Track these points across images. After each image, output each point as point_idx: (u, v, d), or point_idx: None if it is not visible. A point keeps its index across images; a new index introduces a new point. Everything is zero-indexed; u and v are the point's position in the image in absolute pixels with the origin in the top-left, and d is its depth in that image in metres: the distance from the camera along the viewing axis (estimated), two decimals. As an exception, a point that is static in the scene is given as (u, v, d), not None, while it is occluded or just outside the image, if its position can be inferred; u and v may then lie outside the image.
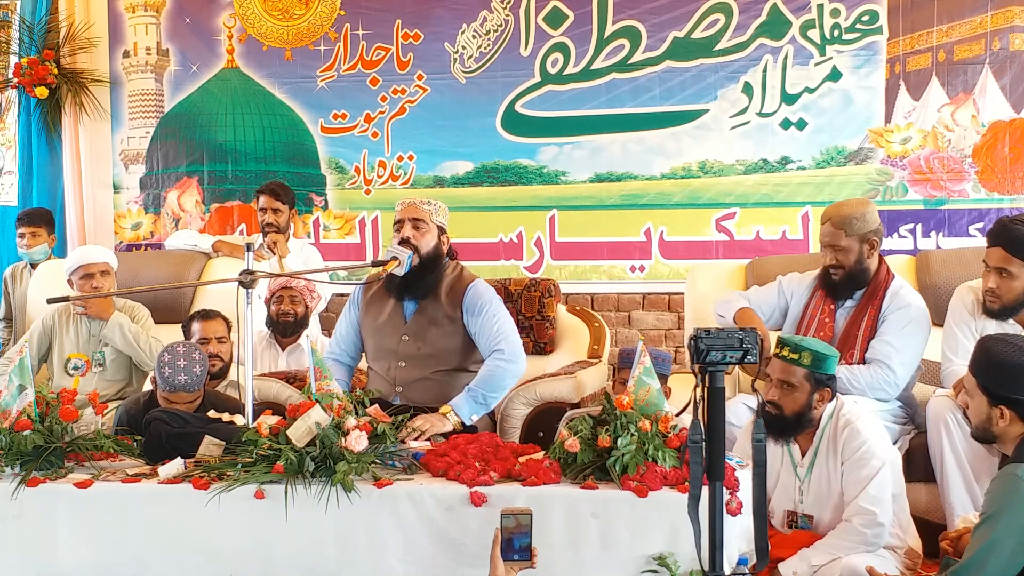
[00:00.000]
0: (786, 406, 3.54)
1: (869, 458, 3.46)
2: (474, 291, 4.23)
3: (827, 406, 3.58)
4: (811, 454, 3.61)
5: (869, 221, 4.26)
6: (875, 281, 4.30)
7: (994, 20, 5.84)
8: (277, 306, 5.12)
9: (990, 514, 2.92)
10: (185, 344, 3.92)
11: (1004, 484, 2.94)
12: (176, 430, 3.50)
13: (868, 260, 4.28)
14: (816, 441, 3.60)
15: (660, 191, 6.23)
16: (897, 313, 4.23)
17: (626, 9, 6.24)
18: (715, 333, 2.67)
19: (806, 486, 3.62)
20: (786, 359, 3.54)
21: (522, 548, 2.82)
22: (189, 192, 6.86)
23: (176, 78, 6.86)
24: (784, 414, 3.55)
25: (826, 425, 3.58)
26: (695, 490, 2.73)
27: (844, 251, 4.26)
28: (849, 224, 4.23)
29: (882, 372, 4.14)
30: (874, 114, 6.02)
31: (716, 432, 2.69)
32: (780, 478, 3.70)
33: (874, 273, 4.30)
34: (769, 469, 3.68)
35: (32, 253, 6.10)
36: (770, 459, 3.70)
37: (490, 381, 4.04)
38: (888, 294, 4.27)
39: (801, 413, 3.55)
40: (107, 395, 4.98)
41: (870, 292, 4.29)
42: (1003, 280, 4.02)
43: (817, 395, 3.55)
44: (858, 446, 3.48)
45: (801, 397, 3.53)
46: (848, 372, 4.12)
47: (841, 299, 4.33)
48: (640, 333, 6.17)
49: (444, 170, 6.51)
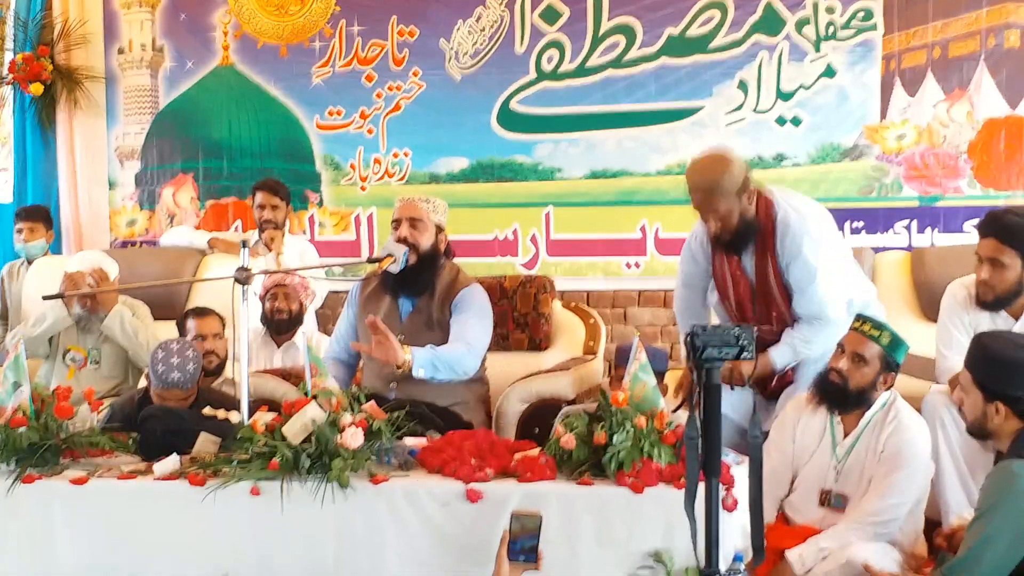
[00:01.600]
0: (852, 378, 3.57)
1: (908, 453, 3.49)
2: (466, 292, 4.24)
3: (883, 394, 3.61)
4: (853, 437, 3.61)
5: (736, 172, 3.92)
6: (760, 223, 4.01)
7: (989, 17, 5.84)
8: (272, 303, 5.11)
9: (985, 509, 2.92)
10: (179, 341, 3.92)
11: (999, 479, 2.94)
12: (172, 426, 3.50)
13: (749, 208, 3.98)
14: (862, 426, 3.61)
15: (656, 188, 6.23)
16: (797, 263, 3.95)
17: (621, 6, 6.23)
18: (711, 330, 2.68)
19: (842, 466, 3.61)
20: (865, 334, 3.58)
21: (529, 550, 2.84)
22: (184, 189, 6.85)
23: (171, 74, 6.85)
24: (848, 386, 3.58)
25: (876, 412, 3.60)
26: (691, 486, 2.73)
27: (724, 215, 3.94)
28: (719, 187, 3.90)
29: (824, 327, 3.96)
30: (869, 111, 6.02)
31: (712, 428, 2.69)
32: (815, 456, 3.70)
33: (754, 215, 4.00)
34: (805, 444, 3.72)
35: (29, 248, 6.10)
36: (809, 434, 3.73)
37: (451, 359, 4.10)
38: (778, 236, 3.98)
39: (863, 390, 3.57)
40: (102, 392, 4.98)
41: (760, 239, 4.02)
42: (996, 271, 3.98)
43: (882, 377, 3.58)
44: (902, 439, 3.51)
45: (870, 374, 3.57)
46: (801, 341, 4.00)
47: (738, 252, 4.09)
48: (636, 329, 6.18)
49: (439, 167, 6.51)
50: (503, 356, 4.75)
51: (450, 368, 4.10)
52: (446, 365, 4.08)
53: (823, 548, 3.37)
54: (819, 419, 3.71)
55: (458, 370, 4.13)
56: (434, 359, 4.05)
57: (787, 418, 3.81)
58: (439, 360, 4.06)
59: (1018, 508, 2.87)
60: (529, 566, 2.85)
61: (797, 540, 3.45)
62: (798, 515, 3.67)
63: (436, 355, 4.06)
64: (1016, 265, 3.97)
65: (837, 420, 3.67)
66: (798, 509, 3.69)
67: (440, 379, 4.09)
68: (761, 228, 4.02)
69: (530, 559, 2.84)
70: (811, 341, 4.00)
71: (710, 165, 4.00)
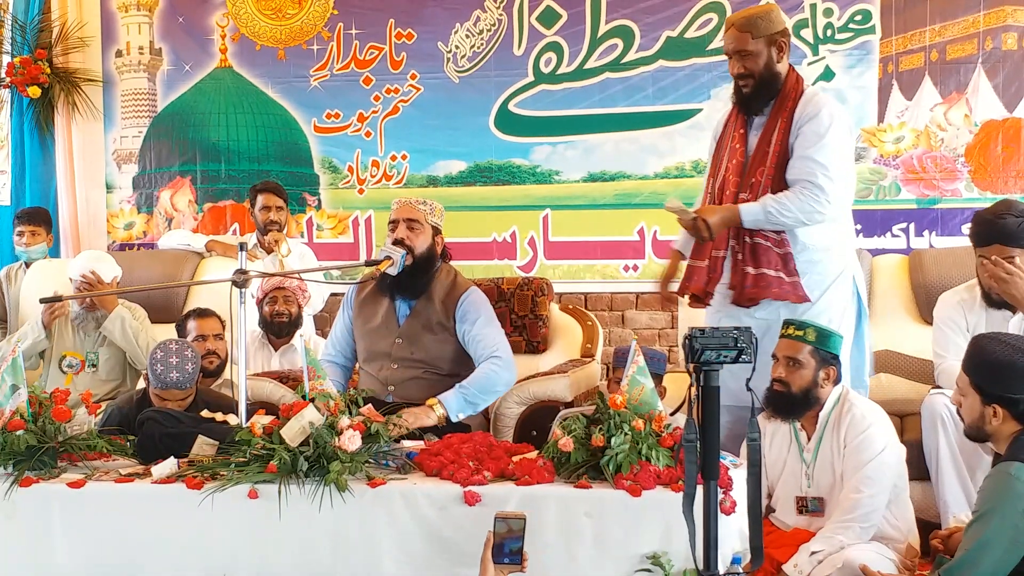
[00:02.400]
0: (793, 383, 3.61)
1: (870, 443, 3.51)
2: (469, 300, 4.23)
3: (833, 391, 3.64)
4: (816, 439, 3.65)
5: (775, 21, 3.95)
6: (785, 88, 3.97)
7: (987, 19, 5.85)
8: (271, 306, 5.10)
9: (983, 512, 2.93)
10: (177, 342, 3.92)
11: (997, 482, 2.95)
12: (169, 430, 3.50)
13: (778, 65, 3.95)
14: (821, 426, 3.64)
15: (653, 190, 6.23)
16: (811, 123, 3.87)
17: (619, 8, 6.24)
18: (710, 332, 2.70)
19: (812, 470, 3.66)
20: (791, 336, 3.63)
21: (513, 552, 2.82)
22: (182, 192, 6.85)
23: (169, 77, 6.85)
24: (791, 391, 3.61)
25: (831, 410, 3.64)
26: (690, 489, 2.74)
27: (752, 56, 3.92)
28: (755, 25, 3.92)
29: (809, 192, 3.81)
30: (867, 113, 6.03)
31: (711, 431, 2.70)
32: (787, 464, 3.73)
33: (784, 79, 3.98)
34: (776, 455, 3.75)
35: (30, 252, 6.08)
36: (777, 445, 3.76)
37: (484, 383, 4.04)
38: (801, 102, 3.94)
39: (808, 390, 3.61)
40: (100, 395, 4.98)
41: (780, 101, 3.96)
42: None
43: (823, 372, 3.61)
44: (859, 431, 3.54)
45: (807, 374, 3.60)
46: (775, 202, 3.82)
47: (753, 113, 4.03)
48: (634, 332, 6.18)
49: (437, 169, 6.51)
50: (501, 359, 4.75)
51: (487, 392, 4.06)
52: (482, 392, 4.03)
53: (815, 553, 3.38)
54: (783, 430, 3.75)
55: (499, 389, 4.12)
56: (464, 395, 3.98)
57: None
58: (470, 392, 3.99)
59: (1015, 511, 2.88)
60: (514, 568, 2.83)
61: (790, 546, 3.47)
62: (782, 526, 3.71)
63: (465, 390, 3.99)
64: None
65: (799, 426, 3.71)
66: (781, 521, 3.73)
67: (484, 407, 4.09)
68: (785, 93, 3.96)
69: (515, 561, 2.82)
70: (785, 204, 3.82)
71: (751, 9, 4.08)
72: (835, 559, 3.33)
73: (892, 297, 4.94)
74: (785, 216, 3.82)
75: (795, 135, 3.90)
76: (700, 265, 4.03)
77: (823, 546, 3.40)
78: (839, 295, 3.99)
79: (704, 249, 4.02)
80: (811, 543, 3.44)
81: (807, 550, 3.41)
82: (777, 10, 4.06)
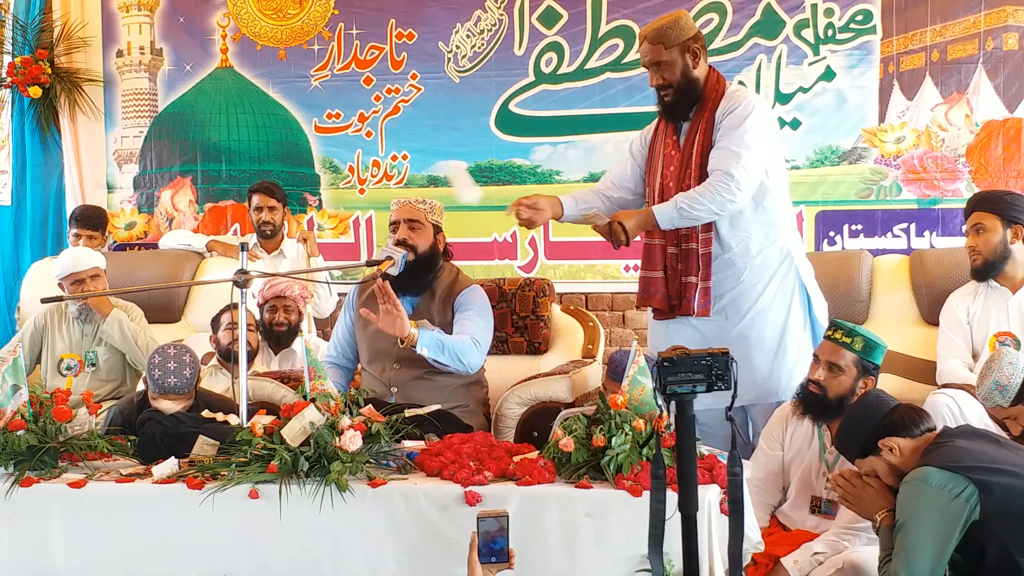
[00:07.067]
0: (830, 388, 3.56)
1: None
2: (468, 294, 4.25)
3: None
4: None
5: (686, 28, 3.93)
6: (706, 90, 3.96)
7: (988, 20, 5.85)
8: (271, 315, 5.08)
9: (902, 522, 2.97)
10: (176, 346, 3.91)
11: (908, 491, 2.99)
12: (170, 430, 3.50)
13: (695, 71, 3.95)
14: None
15: (654, 190, 6.23)
16: (729, 117, 3.87)
17: (620, 8, 6.23)
18: (680, 360, 2.50)
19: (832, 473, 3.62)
20: (838, 342, 3.58)
21: (499, 550, 2.82)
22: (183, 192, 6.85)
23: (170, 77, 6.85)
24: (827, 396, 3.56)
25: None
26: (655, 530, 2.61)
27: (668, 66, 3.92)
28: (666, 36, 3.90)
29: (720, 182, 3.77)
30: (868, 114, 6.03)
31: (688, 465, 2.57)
32: (805, 460, 3.70)
33: (704, 82, 3.98)
34: (795, 449, 3.72)
35: None
36: (798, 439, 3.73)
37: (458, 345, 4.10)
38: (723, 101, 3.94)
39: (843, 397, 3.55)
40: (100, 395, 4.99)
41: (702, 103, 3.96)
42: (979, 236, 4.31)
43: (861, 382, 3.57)
44: None
45: (847, 381, 3.56)
46: (686, 198, 3.79)
47: (678, 120, 4.03)
48: (635, 333, 6.18)
49: (438, 169, 6.51)
50: (502, 359, 4.76)
51: (454, 356, 4.09)
52: (451, 351, 4.08)
53: (817, 554, 3.38)
54: (806, 427, 3.71)
55: (464, 360, 4.13)
56: (440, 341, 4.05)
57: (774, 428, 3.81)
58: (445, 344, 4.06)
59: (931, 513, 2.91)
60: (502, 566, 2.82)
61: (792, 546, 3.47)
62: (790, 523, 3.70)
63: (443, 339, 4.06)
64: (997, 227, 4.26)
65: (824, 428, 3.67)
66: (790, 517, 3.71)
67: (442, 363, 4.09)
68: (706, 95, 3.97)
69: (501, 559, 2.82)
70: (696, 199, 3.78)
71: (661, 19, 4.02)
72: (835, 560, 3.33)
73: (893, 297, 4.94)
74: (697, 210, 3.78)
75: (717, 131, 3.92)
76: (655, 276, 4.05)
77: (827, 548, 3.39)
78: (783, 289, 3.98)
79: (654, 258, 4.06)
80: (815, 543, 3.44)
81: (810, 549, 3.41)
82: (686, 17, 4.03)
